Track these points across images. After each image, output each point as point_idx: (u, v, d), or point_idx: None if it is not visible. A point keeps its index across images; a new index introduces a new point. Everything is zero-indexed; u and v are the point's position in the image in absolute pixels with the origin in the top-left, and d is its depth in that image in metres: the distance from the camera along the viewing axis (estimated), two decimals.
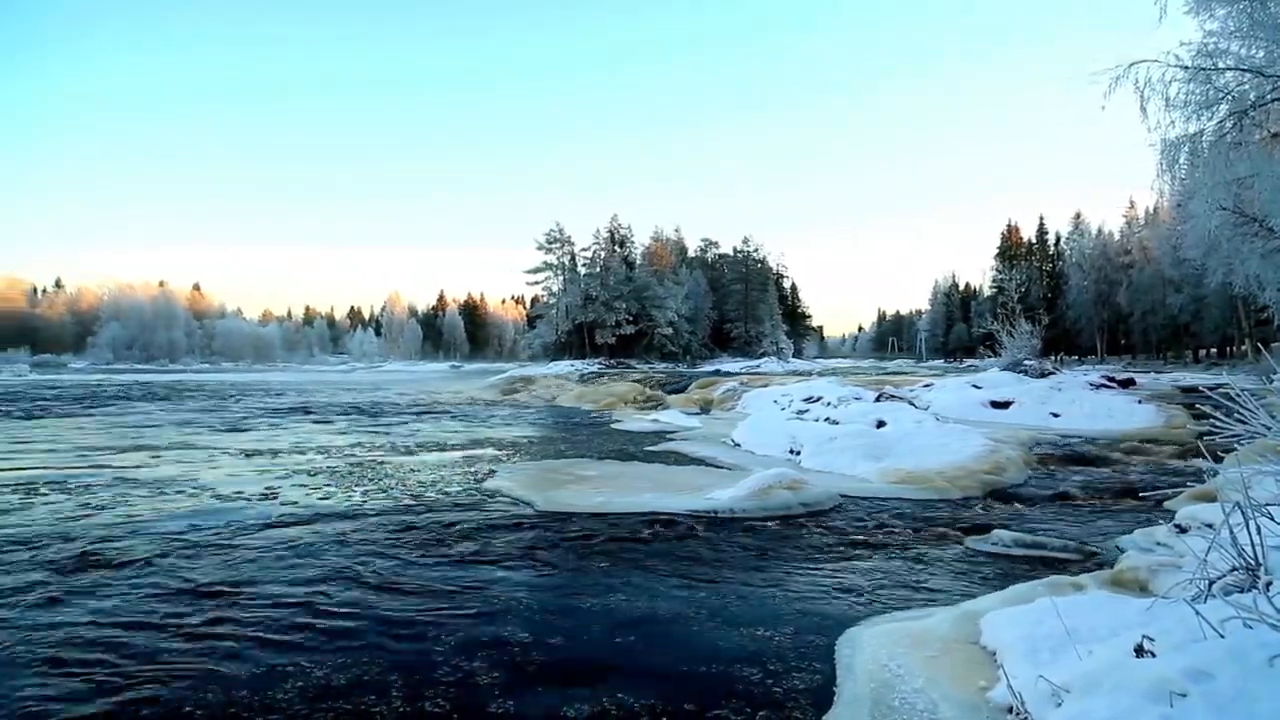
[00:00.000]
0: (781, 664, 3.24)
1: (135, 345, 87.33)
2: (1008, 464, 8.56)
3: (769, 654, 3.35)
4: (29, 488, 7.49)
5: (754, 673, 3.15)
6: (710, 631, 3.65)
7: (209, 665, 3.19)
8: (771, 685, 3.03)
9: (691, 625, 3.75)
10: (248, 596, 4.11)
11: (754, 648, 3.42)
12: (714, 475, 8.59)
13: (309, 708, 2.83)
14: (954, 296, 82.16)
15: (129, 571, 4.58)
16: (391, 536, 5.49)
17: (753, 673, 3.15)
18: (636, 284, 59.74)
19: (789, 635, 3.58)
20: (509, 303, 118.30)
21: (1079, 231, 60.85)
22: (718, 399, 21.24)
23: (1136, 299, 50.33)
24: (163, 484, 7.77)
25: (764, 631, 3.63)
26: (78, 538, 5.39)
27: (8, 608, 3.90)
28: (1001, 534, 5.41)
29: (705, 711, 2.82)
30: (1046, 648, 2.83)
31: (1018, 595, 3.77)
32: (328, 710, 2.81)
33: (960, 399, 15.34)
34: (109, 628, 3.62)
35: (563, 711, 2.83)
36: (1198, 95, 9.50)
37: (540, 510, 6.50)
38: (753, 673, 3.15)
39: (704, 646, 3.45)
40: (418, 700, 2.89)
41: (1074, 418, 13.58)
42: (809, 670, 3.17)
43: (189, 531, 5.61)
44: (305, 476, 8.34)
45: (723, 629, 3.68)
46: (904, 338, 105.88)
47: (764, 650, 3.39)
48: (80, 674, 3.10)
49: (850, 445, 9.39)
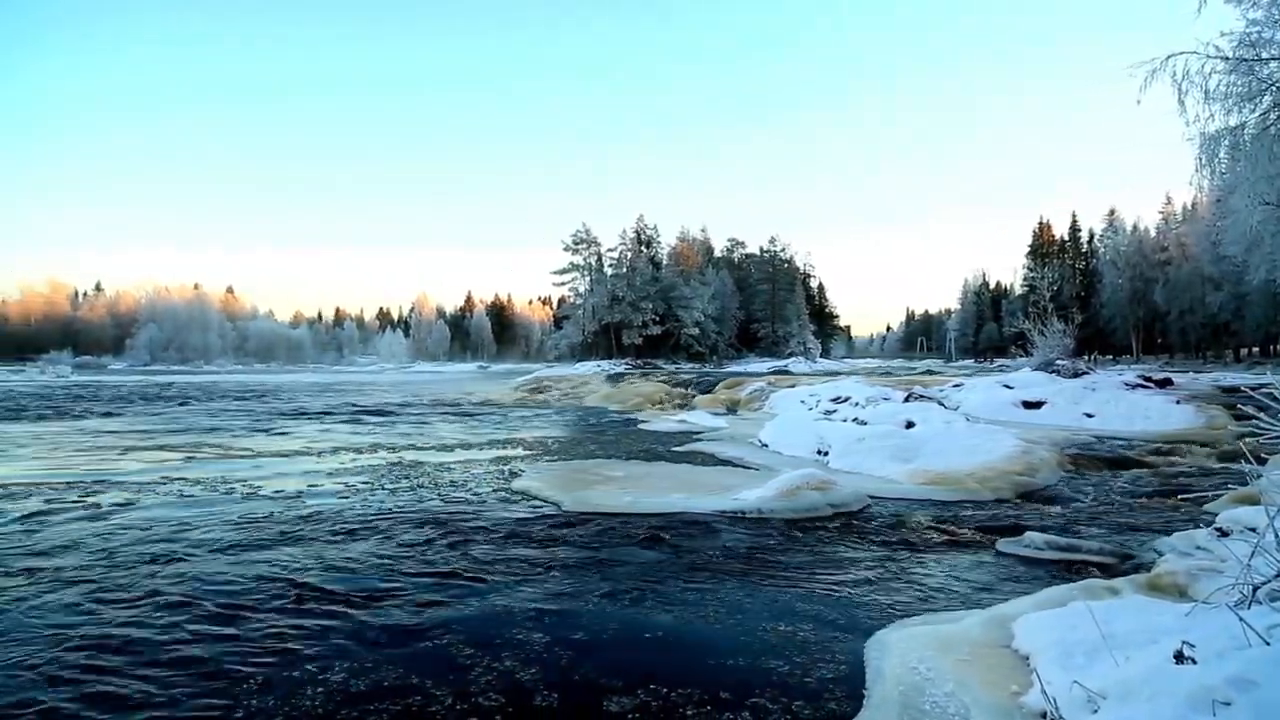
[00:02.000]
0: (809, 666, 3.21)
1: (171, 347, 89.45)
2: (1040, 465, 8.41)
3: (797, 655, 3.32)
4: (86, 488, 7.70)
5: (781, 673, 3.13)
6: (738, 631, 3.64)
7: (236, 664, 3.26)
8: (799, 687, 3.01)
9: (719, 625, 3.74)
10: (276, 592, 4.19)
11: (781, 648, 3.40)
12: (741, 476, 8.55)
13: (354, 704, 2.88)
14: (984, 295, 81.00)
15: (162, 567, 4.71)
16: (423, 535, 5.56)
17: (780, 673, 3.13)
18: (663, 284, 59.76)
19: (817, 636, 3.55)
20: (536, 303, 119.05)
21: (1113, 228, 59.66)
22: (744, 399, 21.16)
23: (1174, 297, 49.19)
24: (209, 482, 7.96)
25: (792, 632, 3.61)
26: (119, 541, 5.53)
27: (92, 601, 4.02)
28: (1034, 536, 5.31)
29: (733, 711, 2.81)
30: (1081, 653, 2.78)
31: (1051, 599, 3.70)
32: (377, 704, 2.86)
33: (991, 399, 15.12)
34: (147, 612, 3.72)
35: (604, 706, 2.87)
36: (1239, 87, 9.26)
37: (568, 510, 6.53)
38: (780, 673, 3.13)
39: (732, 646, 3.44)
40: (465, 697, 2.93)
41: (1109, 418, 13.31)
42: (837, 672, 3.14)
43: (233, 525, 5.74)
44: (344, 476, 8.47)
45: (750, 629, 3.66)
46: (933, 337, 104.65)
47: (791, 651, 3.37)
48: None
49: (879, 446, 9.30)
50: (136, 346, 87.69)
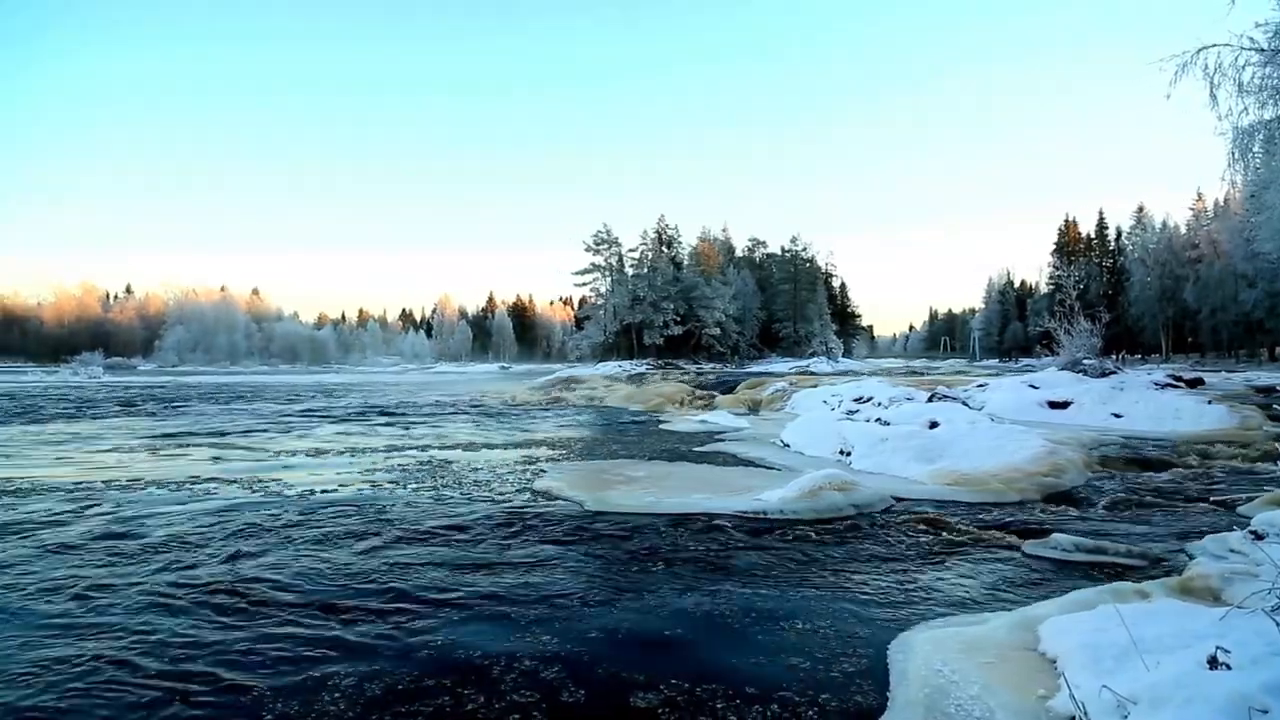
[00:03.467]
0: (832, 667, 3.19)
1: (198, 348, 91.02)
2: (1067, 466, 8.27)
3: (819, 656, 3.30)
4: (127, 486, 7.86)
5: (803, 674, 3.11)
6: (759, 632, 3.63)
7: (259, 656, 3.30)
8: (821, 688, 2.99)
9: (740, 625, 3.73)
10: (300, 588, 4.25)
11: (803, 649, 3.39)
12: (763, 476, 8.52)
13: (395, 697, 2.92)
14: (1009, 294, 80.00)
15: (191, 557, 4.79)
16: (446, 534, 5.61)
17: (802, 674, 3.11)
18: (684, 284, 59.75)
19: (839, 638, 3.53)
20: (557, 304, 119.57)
21: (1141, 226, 58.68)
22: (766, 399, 21.06)
23: (1205, 295, 48.25)
24: (245, 481, 8.09)
25: (813, 633, 3.59)
26: (162, 532, 5.65)
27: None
28: (1060, 538, 5.22)
29: (753, 712, 2.80)
30: (1110, 657, 2.73)
31: (1079, 602, 3.64)
32: (408, 701, 2.90)
33: (1016, 399, 14.93)
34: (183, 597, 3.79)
35: (630, 701, 2.91)
36: (1275, 79, 9.02)
37: (589, 510, 6.54)
38: (802, 674, 3.11)
39: (753, 647, 3.43)
40: (494, 693, 2.96)
41: (1138, 418, 13.08)
42: (860, 674, 3.12)
43: (263, 524, 5.84)
44: (371, 475, 8.56)
45: (771, 629, 3.65)
46: (957, 337, 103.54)
47: (814, 652, 3.35)
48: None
49: (902, 446, 9.20)
50: (165, 348, 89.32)
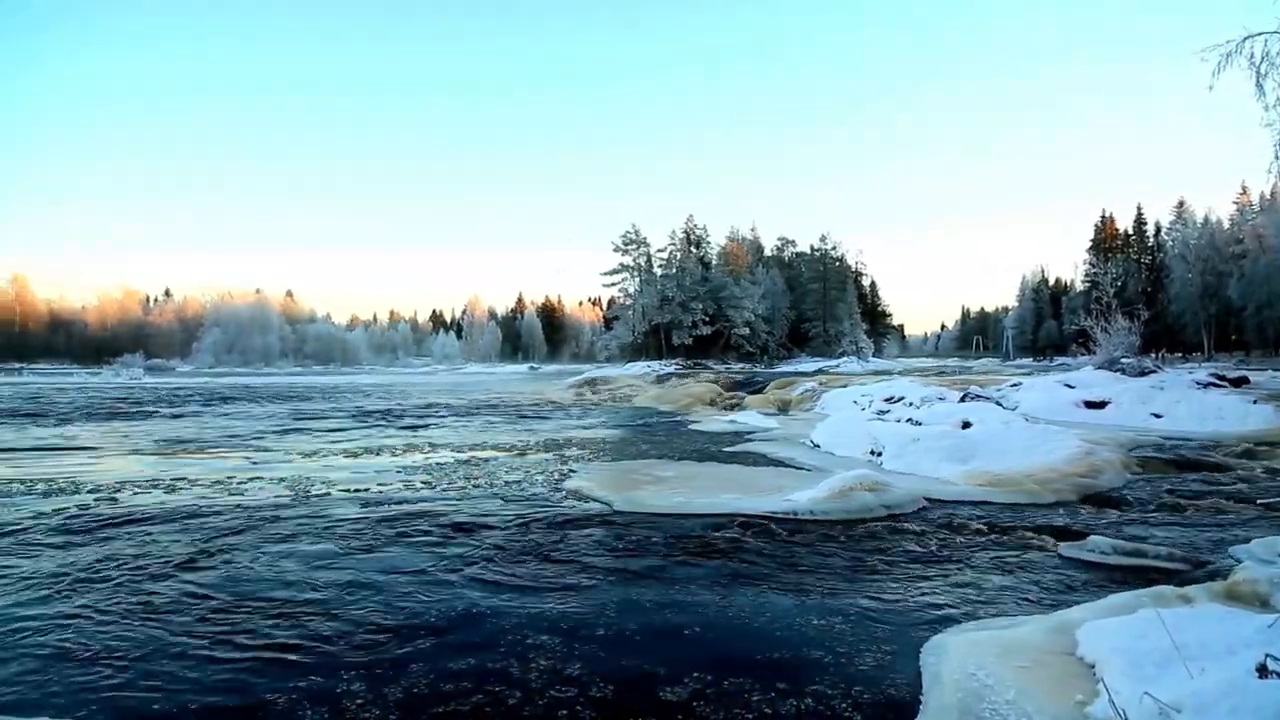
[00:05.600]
0: (863, 669, 3.17)
1: (234, 349, 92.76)
2: (1104, 466, 8.10)
3: (850, 658, 3.28)
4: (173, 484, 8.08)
5: (834, 676, 3.09)
6: (789, 632, 3.61)
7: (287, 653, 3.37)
8: (853, 690, 2.97)
9: (770, 625, 3.72)
10: (339, 583, 4.34)
11: (833, 648, 3.37)
12: (793, 476, 8.47)
13: (431, 690, 2.97)
14: (1043, 292, 78.36)
15: (223, 557, 4.90)
16: (478, 533, 5.67)
17: (833, 676, 3.09)
18: (712, 284, 59.59)
19: (871, 640, 3.49)
20: (586, 304, 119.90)
21: (1182, 220, 57.12)
22: (796, 399, 20.93)
23: (1250, 291, 46.88)
24: (291, 480, 8.25)
25: (845, 634, 3.56)
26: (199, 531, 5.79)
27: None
28: (1099, 540, 5.11)
29: (787, 706, 2.79)
30: (1151, 663, 2.66)
31: (1118, 605, 3.56)
32: (447, 699, 2.95)
33: (1051, 399, 14.65)
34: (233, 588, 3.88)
35: (660, 692, 2.95)
36: None
37: (619, 510, 6.56)
38: (833, 676, 3.09)
39: (783, 645, 3.42)
40: (529, 688, 2.99)
41: (1179, 418, 12.75)
42: (892, 677, 3.09)
43: (303, 523, 5.97)
44: (406, 475, 8.67)
45: (802, 630, 3.63)
46: (989, 336, 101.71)
47: (845, 654, 3.32)
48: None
49: (934, 446, 9.08)
50: (202, 349, 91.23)
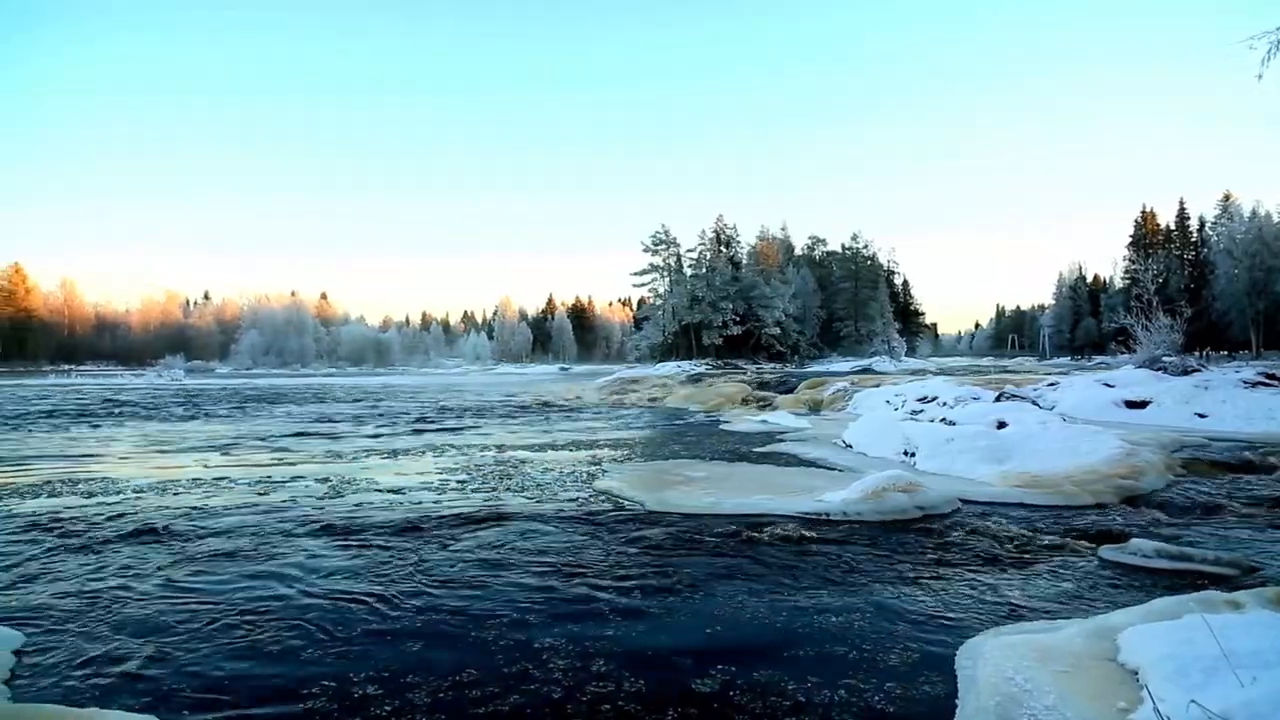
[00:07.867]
0: (896, 673, 3.14)
1: (270, 351, 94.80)
2: (1146, 468, 7.91)
3: (882, 661, 3.25)
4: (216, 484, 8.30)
5: (866, 679, 3.07)
6: (820, 632, 3.59)
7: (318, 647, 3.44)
8: (885, 694, 2.94)
9: (801, 624, 3.70)
10: (383, 581, 4.41)
11: (867, 653, 3.34)
12: (825, 477, 8.40)
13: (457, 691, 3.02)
14: (1081, 290, 76.68)
15: (250, 556, 5.03)
16: (510, 534, 5.74)
17: (865, 679, 3.07)
18: (743, 284, 59.39)
19: (904, 642, 3.46)
20: (616, 305, 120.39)
21: (1228, 215, 55.43)
22: (827, 399, 20.74)
23: None
24: (337, 480, 8.41)
25: (877, 637, 3.53)
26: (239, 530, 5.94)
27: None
28: (1141, 543, 5.00)
29: (818, 705, 2.80)
30: (1198, 670, 2.60)
31: (1162, 611, 3.47)
32: (485, 699, 2.99)
33: (1090, 398, 14.34)
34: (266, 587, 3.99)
35: (692, 687, 3.00)
36: None
37: (650, 510, 6.58)
38: (865, 679, 3.07)
39: (814, 644, 3.41)
40: (562, 686, 3.03)
41: (1225, 419, 12.38)
42: (926, 681, 3.05)
43: (345, 520, 6.09)
44: (441, 475, 8.80)
45: (834, 632, 3.60)
46: (1025, 334, 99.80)
47: (877, 657, 3.29)
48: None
49: (969, 447, 8.94)
50: (240, 352, 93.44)
